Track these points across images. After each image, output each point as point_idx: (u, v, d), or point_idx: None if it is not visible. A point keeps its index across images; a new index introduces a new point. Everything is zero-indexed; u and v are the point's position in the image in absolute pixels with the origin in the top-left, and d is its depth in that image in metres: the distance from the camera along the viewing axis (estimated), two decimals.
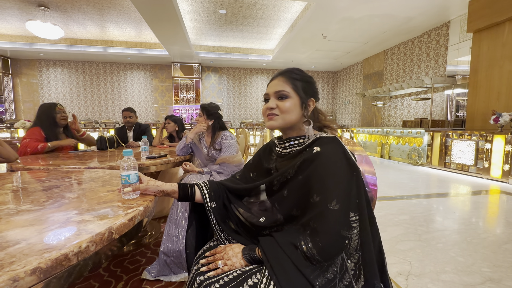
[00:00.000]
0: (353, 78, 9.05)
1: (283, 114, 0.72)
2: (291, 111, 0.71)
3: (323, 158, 0.64)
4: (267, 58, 8.38)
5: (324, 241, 0.57)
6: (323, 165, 0.63)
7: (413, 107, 6.41)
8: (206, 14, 5.70)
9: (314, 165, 0.64)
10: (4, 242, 0.45)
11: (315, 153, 0.65)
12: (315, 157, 0.65)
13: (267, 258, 0.62)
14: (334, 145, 0.66)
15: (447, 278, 1.34)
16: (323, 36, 6.11)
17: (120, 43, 7.70)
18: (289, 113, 0.71)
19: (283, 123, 0.72)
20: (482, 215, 2.33)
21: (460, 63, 5.18)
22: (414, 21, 5.32)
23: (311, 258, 0.58)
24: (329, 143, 0.67)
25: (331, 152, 0.64)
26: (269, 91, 0.75)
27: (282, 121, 0.72)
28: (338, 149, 0.65)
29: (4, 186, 0.88)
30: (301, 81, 0.73)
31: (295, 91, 0.72)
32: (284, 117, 0.72)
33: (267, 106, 0.74)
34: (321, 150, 0.65)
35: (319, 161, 0.64)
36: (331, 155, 0.64)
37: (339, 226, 0.58)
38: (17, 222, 0.54)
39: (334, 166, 0.62)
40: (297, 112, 0.72)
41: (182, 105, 8.79)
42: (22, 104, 8.52)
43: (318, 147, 0.66)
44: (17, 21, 6.19)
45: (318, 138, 0.70)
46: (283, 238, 0.63)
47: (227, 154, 1.68)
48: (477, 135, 3.91)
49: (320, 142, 0.68)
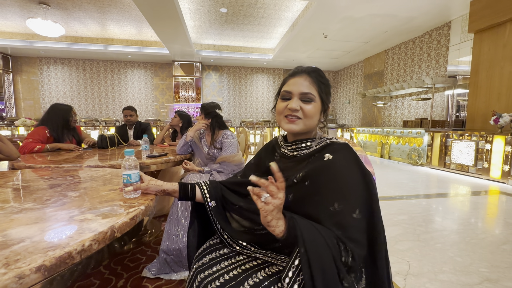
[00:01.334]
0: (353, 78, 9.04)
1: (306, 119, 0.67)
2: (314, 116, 0.68)
3: (337, 166, 0.62)
4: (267, 57, 8.38)
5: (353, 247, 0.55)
6: (337, 173, 0.61)
7: (414, 107, 6.41)
8: (207, 12, 5.69)
9: (327, 174, 0.62)
10: (9, 240, 0.46)
11: (327, 161, 0.63)
12: (328, 165, 0.63)
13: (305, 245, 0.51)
14: (346, 152, 0.64)
15: (445, 278, 1.35)
16: (324, 36, 6.10)
17: (121, 41, 7.69)
18: (312, 119, 0.67)
19: (305, 128, 0.68)
20: (481, 216, 2.34)
21: (461, 63, 5.17)
22: (416, 21, 5.31)
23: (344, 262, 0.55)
24: (341, 150, 0.65)
25: (344, 161, 0.63)
26: (293, 90, 0.68)
27: (303, 126, 0.68)
28: (350, 157, 0.64)
29: (6, 184, 0.89)
30: (325, 84, 0.70)
31: (319, 95, 0.68)
32: (306, 122, 0.68)
33: (289, 107, 0.67)
34: (333, 158, 0.63)
35: (333, 170, 0.62)
36: (344, 164, 0.62)
37: (363, 235, 0.58)
38: (21, 220, 0.55)
39: (349, 174, 0.61)
40: (317, 117, 0.69)
41: (182, 103, 8.80)
42: (22, 101, 8.53)
43: (330, 154, 0.64)
44: (18, 19, 6.18)
45: (329, 144, 0.67)
46: (322, 228, 0.55)
47: (227, 153, 1.69)
48: (477, 136, 3.92)
49: (331, 149, 0.65)
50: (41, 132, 1.93)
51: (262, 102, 9.84)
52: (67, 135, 2.07)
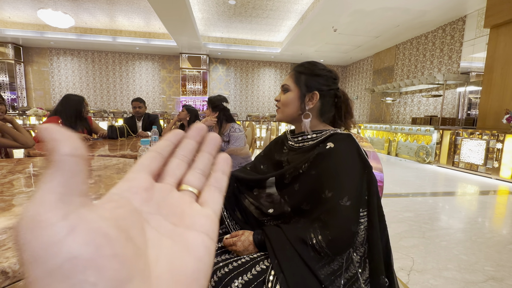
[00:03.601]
0: (362, 73, 8.89)
1: (283, 107, 0.74)
2: (290, 104, 0.73)
3: (337, 155, 0.64)
4: (275, 50, 8.29)
5: (333, 234, 0.59)
6: (336, 162, 0.64)
7: (423, 104, 6.28)
8: (215, 4, 5.64)
9: (327, 162, 0.65)
10: None
11: (328, 149, 0.66)
12: (328, 153, 0.65)
13: (272, 248, 0.63)
14: (348, 142, 0.66)
15: (449, 275, 1.36)
16: (334, 29, 5.99)
17: (129, 33, 7.72)
18: (288, 106, 0.73)
19: (283, 116, 0.75)
20: (488, 215, 2.32)
21: (475, 60, 5.02)
22: (429, 15, 5.15)
23: (319, 250, 0.60)
24: (343, 140, 0.67)
25: (344, 149, 0.65)
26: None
27: (281, 114, 0.75)
28: (351, 146, 0.65)
29: (25, 171, 0.92)
30: (306, 74, 0.73)
31: (296, 84, 0.73)
32: (284, 110, 0.74)
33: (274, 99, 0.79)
34: (334, 146, 0.65)
35: (332, 158, 0.64)
36: (344, 152, 0.64)
37: (349, 222, 0.60)
38: None
39: (347, 163, 0.63)
40: (295, 105, 0.73)
41: (189, 96, 8.83)
42: (33, 92, 8.70)
43: (332, 143, 0.66)
44: (29, 9, 6.25)
45: (332, 134, 0.70)
46: (291, 232, 0.64)
47: (235, 146, 1.71)
48: (488, 134, 3.83)
49: (334, 139, 0.68)
50: (54, 122, 1.98)
51: (269, 96, 9.79)
52: (79, 126, 2.12)
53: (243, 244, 0.67)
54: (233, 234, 0.71)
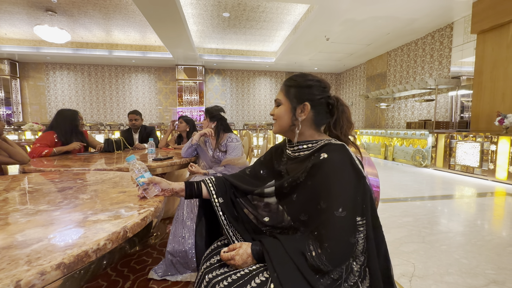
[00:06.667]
0: (356, 80, 9.04)
1: (278, 121, 0.78)
2: (283, 116, 0.76)
3: (329, 165, 0.65)
4: (270, 60, 8.43)
5: (332, 247, 0.59)
6: (329, 172, 0.64)
7: (417, 109, 6.38)
8: (210, 17, 5.77)
9: (321, 172, 0.65)
10: (28, 239, 0.48)
11: (322, 159, 0.66)
12: (322, 163, 0.66)
13: (271, 261, 0.63)
14: (341, 152, 0.67)
15: (451, 280, 1.35)
16: (326, 38, 6.13)
17: (125, 46, 7.81)
18: (281, 119, 0.77)
19: (279, 128, 0.79)
20: (487, 217, 2.32)
21: (464, 64, 5.15)
22: (418, 22, 5.31)
23: (319, 263, 0.60)
24: (336, 150, 0.67)
25: (337, 160, 0.65)
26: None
27: (277, 126, 0.79)
28: (344, 157, 0.66)
29: (20, 187, 0.92)
30: (295, 87, 0.75)
31: (287, 97, 0.76)
32: (278, 123, 0.78)
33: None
34: (327, 157, 0.66)
35: (325, 168, 0.65)
36: (336, 163, 0.65)
37: (346, 233, 0.60)
38: (38, 221, 0.58)
39: (339, 173, 0.64)
40: (288, 117, 0.76)
41: (186, 107, 8.87)
42: (29, 106, 8.68)
43: (325, 153, 0.67)
44: (25, 26, 6.32)
45: (326, 144, 0.70)
46: (290, 244, 0.64)
47: (232, 156, 1.71)
48: (482, 137, 3.89)
49: (328, 149, 0.68)
50: (49, 137, 1.97)
51: (264, 104, 9.88)
52: (75, 140, 2.11)
53: (242, 258, 0.67)
54: (231, 247, 0.70)
